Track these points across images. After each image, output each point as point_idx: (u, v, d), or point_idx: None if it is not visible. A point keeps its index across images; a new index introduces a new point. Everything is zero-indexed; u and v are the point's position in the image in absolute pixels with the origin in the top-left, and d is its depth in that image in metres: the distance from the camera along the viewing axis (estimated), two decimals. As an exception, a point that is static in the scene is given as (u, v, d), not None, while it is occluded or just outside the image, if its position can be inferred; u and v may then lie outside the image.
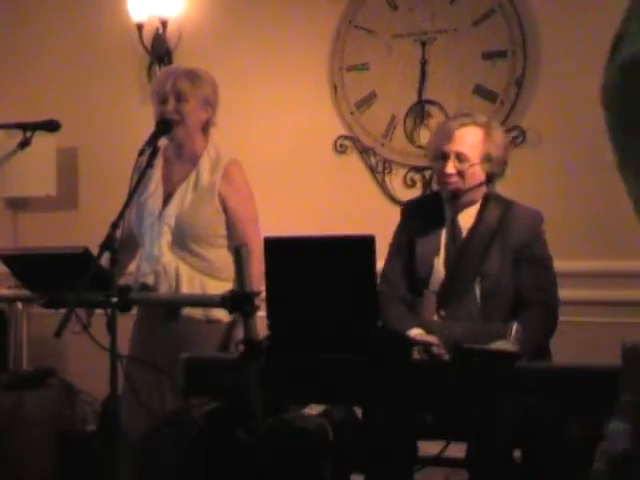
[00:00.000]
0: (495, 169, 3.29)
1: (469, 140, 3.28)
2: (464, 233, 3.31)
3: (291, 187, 4.75)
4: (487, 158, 3.26)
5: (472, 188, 3.28)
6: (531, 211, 3.33)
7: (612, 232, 4.23)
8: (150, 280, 3.53)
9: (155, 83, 3.64)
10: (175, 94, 3.50)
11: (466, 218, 3.32)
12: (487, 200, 3.33)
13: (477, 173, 3.27)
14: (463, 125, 3.30)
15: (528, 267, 3.24)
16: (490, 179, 3.30)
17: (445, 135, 3.32)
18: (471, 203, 3.33)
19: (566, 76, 4.33)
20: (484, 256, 3.25)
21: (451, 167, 3.27)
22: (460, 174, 3.27)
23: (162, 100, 3.52)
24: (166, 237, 3.52)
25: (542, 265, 3.26)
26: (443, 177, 3.30)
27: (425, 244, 3.34)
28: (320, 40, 4.71)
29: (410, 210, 3.49)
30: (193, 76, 3.54)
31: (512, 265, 3.24)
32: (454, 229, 3.32)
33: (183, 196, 3.54)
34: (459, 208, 3.33)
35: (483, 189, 3.32)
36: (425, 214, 3.39)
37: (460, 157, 3.26)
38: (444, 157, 3.29)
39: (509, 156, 3.36)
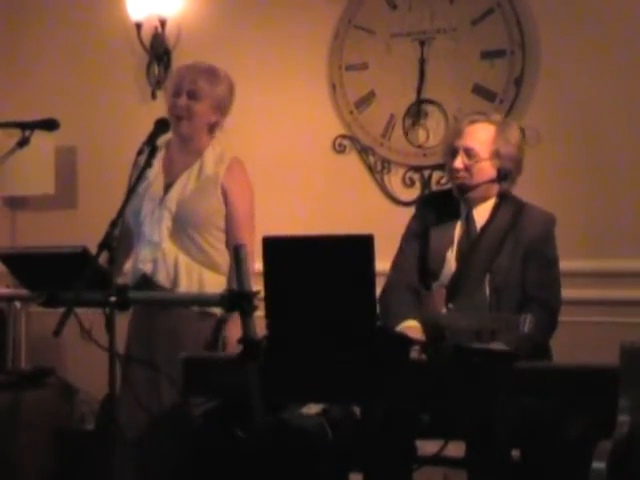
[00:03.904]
0: (506, 165, 3.29)
1: (479, 136, 3.30)
2: (478, 229, 3.33)
3: (289, 186, 4.75)
4: (496, 154, 3.28)
5: (480, 184, 3.28)
6: (544, 212, 3.35)
7: (610, 232, 4.23)
8: (148, 268, 3.53)
9: (174, 75, 3.67)
10: (191, 91, 3.52)
11: (481, 214, 3.34)
12: (502, 199, 3.34)
13: (485, 169, 3.28)
14: (474, 122, 3.34)
15: (534, 265, 3.26)
16: (502, 177, 3.30)
17: (456, 131, 3.37)
18: (485, 199, 3.34)
19: (565, 76, 4.33)
20: (496, 252, 3.26)
21: (459, 162, 3.30)
22: (468, 169, 3.28)
23: (176, 93, 3.53)
24: (166, 223, 3.53)
25: (548, 264, 3.27)
26: (452, 172, 3.33)
27: (438, 237, 3.35)
28: (319, 39, 4.71)
29: (426, 202, 3.53)
30: (213, 76, 3.55)
31: (521, 262, 3.26)
32: (469, 224, 3.33)
33: (185, 183, 3.56)
34: (473, 203, 3.34)
35: (495, 186, 3.32)
36: (440, 207, 3.41)
37: (469, 153, 3.29)
38: (454, 153, 3.32)
39: (523, 156, 3.36)
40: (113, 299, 2.73)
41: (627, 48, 4.22)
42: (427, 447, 3.27)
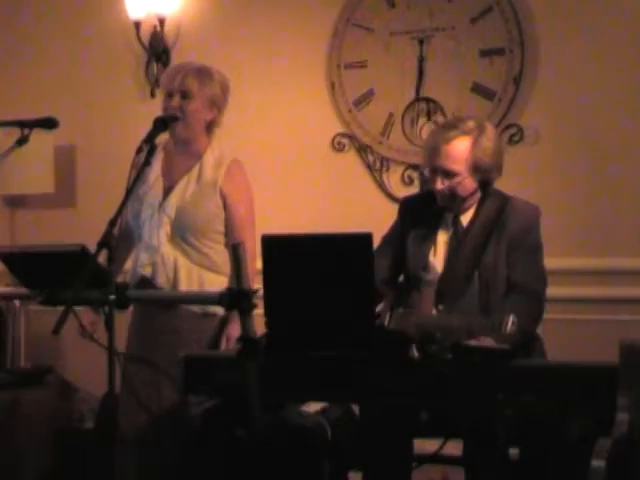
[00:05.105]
0: (486, 176, 3.26)
1: (455, 154, 3.22)
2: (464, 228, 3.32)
3: (289, 185, 4.75)
4: (475, 168, 3.22)
5: (464, 199, 3.28)
6: (528, 205, 3.31)
7: (609, 230, 4.24)
8: (148, 271, 3.53)
9: (165, 77, 3.65)
10: (181, 91, 3.51)
11: (467, 217, 3.32)
12: (485, 195, 3.32)
13: (467, 185, 3.25)
14: (449, 140, 3.23)
15: (517, 253, 3.22)
16: (484, 184, 3.28)
17: (433, 150, 3.26)
18: (470, 206, 3.32)
19: (564, 74, 4.33)
20: (482, 247, 3.24)
21: (439, 184, 3.25)
22: (450, 190, 3.25)
23: (168, 95, 3.53)
24: (165, 228, 3.53)
25: (531, 251, 3.23)
26: (435, 191, 3.29)
27: (420, 241, 3.32)
28: (318, 38, 4.71)
29: (407, 205, 3.49)
30: (203, 74, 3.54)
31: (506, 255, 3.24)
32: (456, 227, 3.31)
33: (185, 188, 3.55)
34: (460, 212, 3.32)
35: (479, 193, 3.31)
36: (422, 211, 3.37)
37: (447, 174, 3.24)
38: (433, 172, 3.27)
39: (503, 158, 3.30)
40: (112, 298, 2.73)
41: (626, 46, 4.22)
42: (426, 446, 3.27)
